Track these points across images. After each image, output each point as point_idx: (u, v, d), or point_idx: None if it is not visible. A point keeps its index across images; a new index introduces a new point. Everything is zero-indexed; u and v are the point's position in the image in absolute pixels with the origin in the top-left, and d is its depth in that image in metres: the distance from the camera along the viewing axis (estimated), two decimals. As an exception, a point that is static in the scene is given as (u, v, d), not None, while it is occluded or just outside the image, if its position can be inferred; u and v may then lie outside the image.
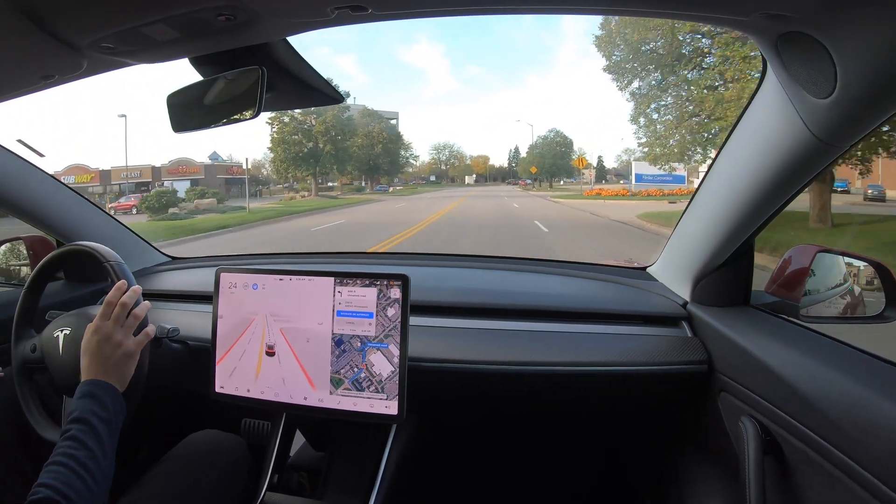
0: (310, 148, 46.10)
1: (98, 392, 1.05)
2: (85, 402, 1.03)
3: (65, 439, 0.97)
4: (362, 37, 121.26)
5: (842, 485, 0.87)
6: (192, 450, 1.39)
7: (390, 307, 1.25)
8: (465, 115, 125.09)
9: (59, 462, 0.92)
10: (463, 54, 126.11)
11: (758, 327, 1.25)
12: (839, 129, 0.88)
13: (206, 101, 1.11)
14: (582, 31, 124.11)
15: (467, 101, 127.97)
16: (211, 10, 0.83)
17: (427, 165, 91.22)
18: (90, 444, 0.96)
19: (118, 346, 1.13)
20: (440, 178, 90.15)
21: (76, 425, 0.98)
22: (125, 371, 1.13)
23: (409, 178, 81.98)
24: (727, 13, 0.79)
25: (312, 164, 46.04)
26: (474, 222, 18.48)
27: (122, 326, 1.16)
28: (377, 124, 59.23)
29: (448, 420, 1.70)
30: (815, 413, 0.95)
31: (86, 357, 1.12)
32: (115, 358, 1.12)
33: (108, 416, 1.03)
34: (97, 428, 0.99)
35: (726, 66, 14.92)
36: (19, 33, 0.89)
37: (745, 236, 1.25)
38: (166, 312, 1.74)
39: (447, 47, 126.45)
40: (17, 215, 1.78)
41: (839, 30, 0.72)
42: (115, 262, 1.31)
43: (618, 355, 1.39)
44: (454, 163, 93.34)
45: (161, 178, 44.13)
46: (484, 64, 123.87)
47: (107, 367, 1.10)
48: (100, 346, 1.12)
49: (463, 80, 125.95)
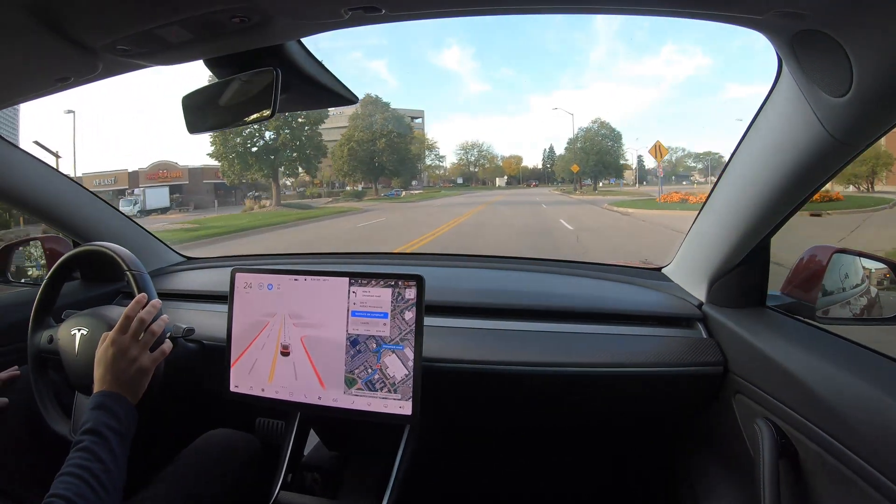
0: (265, 141, 35.77)
1: (111, 404, 1.06)
2: (98, 413, 1.04)
3: (77, 450, 0.97)
4: (393, 41, 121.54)
5: (858, 489, 0.86)
6: (206, 448, 1.40)
7: (408, 310, 1.25)
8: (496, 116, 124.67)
9: (72, 473, 0.93)
10: (494, 56, 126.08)
11: (774, 328, 1.24)
12: (855, 127, 0.87)
13: (220, 103, 1.12)
14: (613, 33, 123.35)
15: (498, 103, 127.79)
16: (225, 12, 0.83)
17: (456, 167, 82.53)
18: (103, 455, 0.97)
19: (133, 361, 1.14)
20: (469, 180, 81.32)
21: (89, 437, 0.99)
22: (139, 385, 1.14)
23: (437, 181, 76.16)
24: (742, 12, 0.79)
25: (269, 161, 35.81)
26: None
27: (138, 341, 1.17)
28: (380, 114, 49.73)
29: (462, 420, 1.70)
30: (831, 416, 0.94)
31: (100, 368, 1.13)
32: (129, 372, 1.12)
33: (121, 429, 1.04)
34: (110, 440, 1.00)
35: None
36: (36, 36, 0.90)
37: (761, 237, 1.24)
38: (181, 312, 1.75)
39: (477, 50, 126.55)
40: (35, 216, 1.80)
41: (855, 28, 0.71)
42: (138, 272, 1.32)
43: (633, 356, 1.38)
44: (484, 163, 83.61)
45: (139, 183, 38.85)
46: (515, 66, 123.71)
47: (121, 380, 1.11)
48: (115, 360, 1.12)
49: (494, 81, 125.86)
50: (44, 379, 1.42)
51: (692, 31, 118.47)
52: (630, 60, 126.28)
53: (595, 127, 59.07)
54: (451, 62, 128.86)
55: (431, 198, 46.23)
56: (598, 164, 55.88)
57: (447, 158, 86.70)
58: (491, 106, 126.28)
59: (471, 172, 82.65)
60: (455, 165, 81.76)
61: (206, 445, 1.42)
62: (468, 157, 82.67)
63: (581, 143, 58.69)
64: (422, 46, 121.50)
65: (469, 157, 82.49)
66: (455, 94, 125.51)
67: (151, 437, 1.46)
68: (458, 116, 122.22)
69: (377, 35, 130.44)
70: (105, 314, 1.38)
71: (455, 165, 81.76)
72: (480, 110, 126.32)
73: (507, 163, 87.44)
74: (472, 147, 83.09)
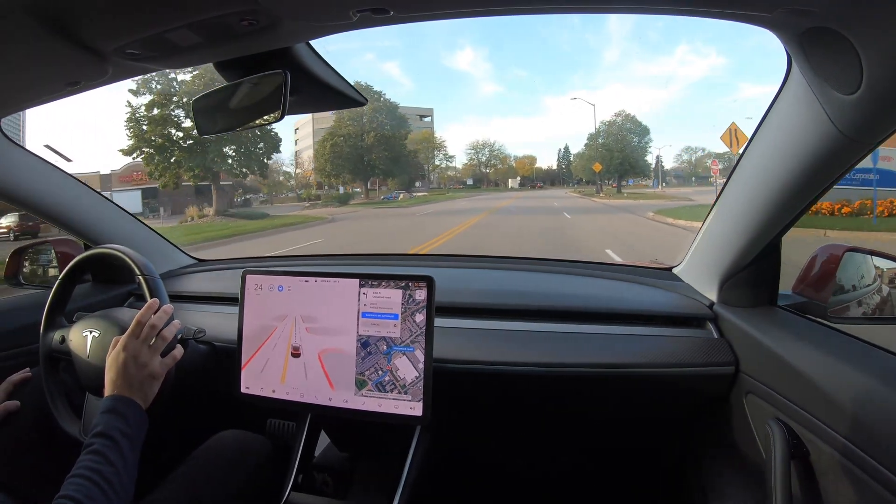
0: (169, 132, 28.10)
1: (122, 408, 1.07)
2: (109, 417, 1.04)
3: (88, 453, 0.98)
4: (406, 42, 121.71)
5: (872, 491, 0.86)
6: (217, 449, 1.41)
7: (418, 312, 1.25)
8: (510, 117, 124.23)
9: (82, 475, 0.93)
10: (507, 57, 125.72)
11: (785, 328, 1.24)
12: (865, 124, 0.86)
13: (230, 105, 1.13)
14: (626, 33, 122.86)
15: (512, 103, 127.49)
16: (234, 15, 0.84)
17: (467, 167, 79.93)
18: (113, 458, 0.98)
19: (144, 367, 1.15)
20: (480, 181, 78.87)
21: (100, 440, 1.00)
22: (149, 391, 1.15)
23: (447, 182, 74.19)
24: (750, 10, 0.78)
25: (199, 158, 28.54)
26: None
27: (150, 346, 1.18)
28: (369, 104, 40.96)
29: (472, 421, 1.70)
30: (844, 416, 0.93)
31: (111, 372, 1.14)
32: (140, 377, 1.13)
33: (131, 433, 1.04)
34: (120, 443, 1.01)
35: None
36: (47, 42, 0.91)
37: (772, 235, 1.23)
38: (192, 314, 1.77)
39: (490, 50, 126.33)
40: (47, 219, 1.82)
41: (864, 24, 0.71)
42: (150, 276, 1.33)
43: (643, 357, 1.38)
44: (496, 164, 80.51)
45: (112, 186, 34.07)
46: (528, 66, 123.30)
47: (132, 384, 1.12)
48: (126, 365, 1.13)
49: (507, 82, 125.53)
50: (55, 378, 1.44)
51: (705, 31, 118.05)
52: (644, 61, 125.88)
53: (619, 120, 52.85)
54: (464, 63, 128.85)
55: (431, 201, 40.96)
56: (623, 162, 49.72)
57: (458, 159, 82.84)
58: (504, 107, 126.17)
59: (482, 173, 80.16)
60: (466, 166, 79.18)
61: (217, 446, 1.42)
62: (479, 157, 79.75)
63: (603, 138, 52.35)
64: (435, 47, 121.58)
65: (480, 157, 79.53)
66: (468, 95, 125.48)
67: (162, 439, 1.47)
68: (471, 117, 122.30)
69: (390, 37, 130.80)
70: (116, 317, 1.39)
71: (466, 166, 79.18)
72: (494, 111, 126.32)
73: (520, 163, 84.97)
74: (483, 146, 79.88)
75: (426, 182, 67.25)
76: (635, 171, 53.29)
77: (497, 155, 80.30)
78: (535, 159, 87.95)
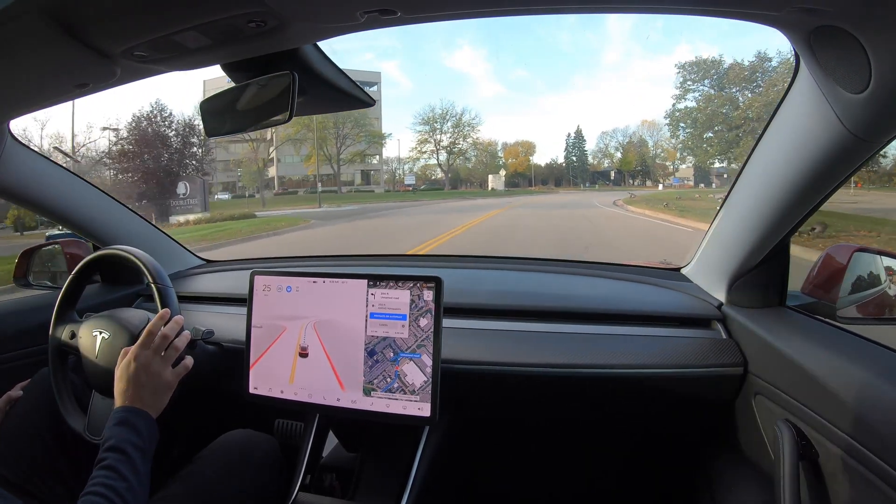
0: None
1: (134, 419, 1.08)
2: (121, 429, 1.05)
3: (101, 468, 0.98)
4: (406, 42, 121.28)
5: (880, 493, 0.85)
6: (225, 449, 1.41)
7: (423, 317, 1.25)
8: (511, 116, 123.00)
9: (96, 493, 0.94)
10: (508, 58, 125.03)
11: (794, 329, 1.23)
12: (874, 124, 0.86)
13: (238, 107, 1.13)
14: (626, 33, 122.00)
15: (513, 104, 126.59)
16: (241, 17, 0.84)
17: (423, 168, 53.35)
18: (127, 474, 0.98)
19: (155, 377, 1.15)
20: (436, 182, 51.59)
21: (113, 454, 1.00)
22: (160, 401, 1.16)
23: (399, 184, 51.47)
24: (759, 8, 0.78)
25: None
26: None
27: (161, 357, 1.18)
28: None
29: (480, 422, 1.70)
30: (853, 417, 0.93)
31: (122, 382, 1.14)
32: (151, 387, 1.14)
33: (143, 445, 1.05)
34: (133, 457, 1.01)
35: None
36: (57, 44, 0.91)
37: (781, 236, 1.23)
38: (201, 315, 1.77)
39: (489, 51, 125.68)
40: (58, 221, 1.84)
41: (873, 23, 0.71)
42: (163, 286, 1.34)
43: (652, 357, 1.37)
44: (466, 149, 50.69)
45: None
46: (528, 67, 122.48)
47: (143, 395, 1.13)
48: (137, 375, 1.14)
49: (508, 83, 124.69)
50: (63, 373, 1.44)
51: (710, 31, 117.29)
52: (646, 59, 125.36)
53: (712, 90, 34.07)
54: (464, 63, 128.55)
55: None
56: (725, 144, 33.10)
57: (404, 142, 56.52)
58: (505, 107, 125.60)
59: (446, 167, 52.83)
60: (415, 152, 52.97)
61: (225, 446, 1.43)
62: (434, 137, 50.52)
63: (697, 111, 34.72)
64: (434, 47, 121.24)
65: (435, 137, 50.13)
66: (469, 95, 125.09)
67: (170, 439, 1.48)
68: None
69: (389, 37, 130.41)
70: (127, 320, 1.39)
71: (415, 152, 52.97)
72: (495, 111, 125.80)
73: (511, 152, 59.21)
74: (444, 117, 50.56)
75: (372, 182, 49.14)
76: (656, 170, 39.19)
77: (464, 132, 50.92)
78: (534, 146, 62.73)
